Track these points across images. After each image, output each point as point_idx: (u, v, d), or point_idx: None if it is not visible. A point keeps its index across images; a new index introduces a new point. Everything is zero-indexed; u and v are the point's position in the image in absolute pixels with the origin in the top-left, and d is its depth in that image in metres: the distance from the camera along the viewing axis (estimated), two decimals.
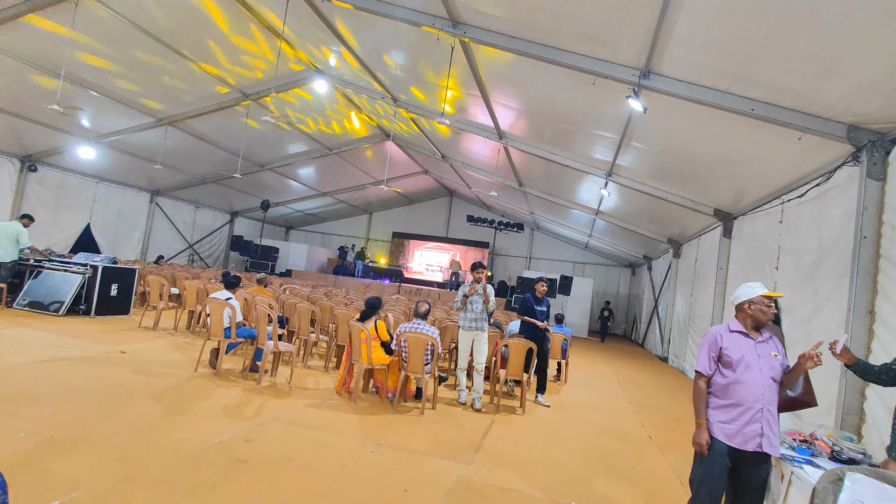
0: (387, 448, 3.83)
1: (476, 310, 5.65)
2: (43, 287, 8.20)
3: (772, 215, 7.61)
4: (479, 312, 5.67)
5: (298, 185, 18.80)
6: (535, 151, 10.69)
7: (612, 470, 4.09)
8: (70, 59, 8.78)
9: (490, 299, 5.70)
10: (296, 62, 10.41)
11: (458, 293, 5.76)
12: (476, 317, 5.67)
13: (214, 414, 4.12)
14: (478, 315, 5.68)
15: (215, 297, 5.54)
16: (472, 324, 5.65)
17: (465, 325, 5.69)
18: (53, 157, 12.72)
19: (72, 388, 4.32)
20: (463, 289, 5.76)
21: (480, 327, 5.68)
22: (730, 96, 5.56)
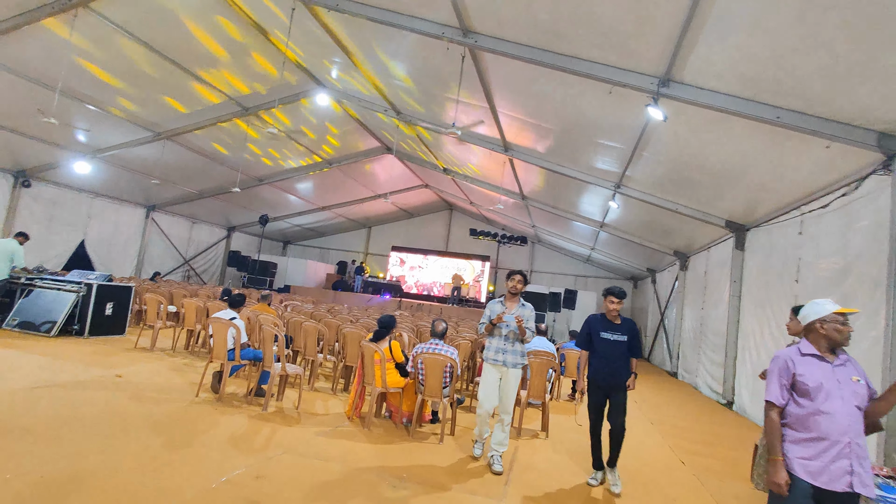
0: (410, 483, 3.51)
1: (506, 337, 4.33)
2: (34, 306, 7.84)
3: (790, 226, 7.42)
4: (510, 342, 4.32)
5: (297, 199, 18.55)
6: (542, 164, 10.51)
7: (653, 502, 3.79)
8: (67, 73, 8.55)
9: (528, 331, 4.29)
10: (297, 74, 10.22)
11: (485, 313, 4.45)
12: (505, 347, 4.30)
13: (220, 446, 3.79)
14: (508, 345, 4.30)
15: (219, 318, 5.23)
16: (499, 356, 4.31)
17: (490, 357, 4.34)
18: (47, 172, 12.42)
19: (65, 418, 3.99)
20: (491, 307, 4.44)
21: (511, 362, 4.26)
22: (755, 104, 5.39)
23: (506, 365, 4.29)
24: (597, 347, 4.13)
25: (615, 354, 4.07)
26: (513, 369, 4.29)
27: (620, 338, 4.10)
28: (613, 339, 4.09)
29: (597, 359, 4.12)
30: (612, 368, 4.04)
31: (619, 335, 4.10)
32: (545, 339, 6.79)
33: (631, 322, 4.23)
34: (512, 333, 4.30)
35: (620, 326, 4.15)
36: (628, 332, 4.14)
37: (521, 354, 4.37)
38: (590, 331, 4.21)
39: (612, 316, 4.16)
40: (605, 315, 4.20)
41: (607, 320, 4.17)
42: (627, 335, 4.12)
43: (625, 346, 4.09)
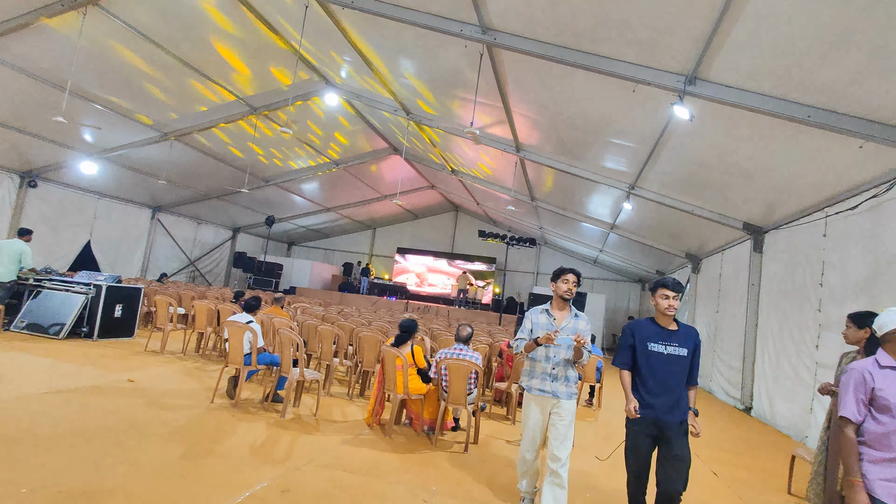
0: (442, 496, 3.36)
1: (554, 358, 3.21)
2: (42, 308, 7.72)
3: (813, 228, 7.26)
4: (562, 366, 3.21)
5: (302, 200, 18.43)
6: (555, 164, 10.37)
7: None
8: (76, 72, 8.42)
9: (585, 352, 3.19)
10: (307, 73, 10.09)
11: (523, 325, 3.37)
12: (555, 372, 3.20)
13: (241, 456, 3.65)
14: (560, 370, 3.20)
15: (235, 321, 5.09)
16: (546, 384, 3.20)
17: (536, 386, 3.23)
18: (54, 172, 12.31)
19: (79, 426, 3.85)
20: (534, 319, 3.30)
21: (564, 392, 3.19)
22: (785, 103, 5.24)
23: (557, 396, 3.17)
24: (643, 365, 2.92)
25: (671, 375, 2.85)
26: (567, 401, 3.17)
27: (678, 351, 2.89)
28: (668, 353, 2.88)
29: (643, 382, 2.91)
30: (668, 397, 2.83)
31: (677, 347, 2.89)
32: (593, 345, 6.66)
33: (692, 330, 3.01)
34: (563, 355, 3.20)
35: (677, 335, 2.92)
36: (689, 344, 2.94)
37: (575, 381, 3.27)
38: (633, 341, 2.98)
39: (667, 319, 2.95)
40: (656, 319, 3.00)
41: (658, 326, 2.95)
42: (688, 348, 2.92)
43: (685, 364, 2.89)
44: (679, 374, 2.89)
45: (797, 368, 6.98)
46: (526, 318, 3.37)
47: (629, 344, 3.02)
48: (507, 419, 5.92)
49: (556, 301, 3.33)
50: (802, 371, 6.82)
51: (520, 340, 3.32)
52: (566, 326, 3.25)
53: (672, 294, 2.93)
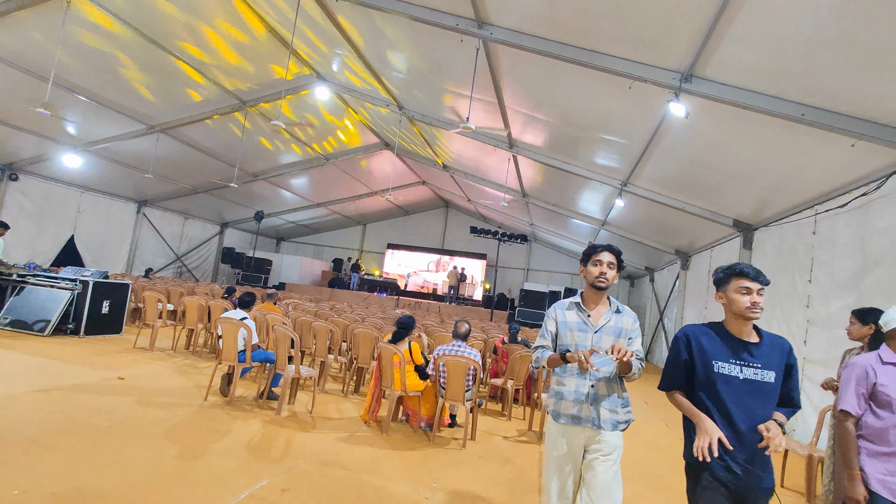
0: (442, 493, 3.35)
1: (595, 372, 2.25)
2: (27, 304, 7.53)
3: (803, 226, 7.36)
4: (604, 382, 2.35)
5: (292, 195, 18.23)
6: (547, 161, 10.38)
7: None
8: (59, 62, 8.20)
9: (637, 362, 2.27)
10: (298, 66, 9.95)
11: (545, 327, 2.49)
12: (594, 391, 2.33)
13: (238, 455, 3.59)
14: (601, 387, 2.34)
15: (229, 317, 5.01)
16: (582, 409, 2.33)
17: (565, 410, 2.36)
18: (36, 165, 12.00)
19: (70, 425, 3.76)
20: (557, 315, 2.46)
21: (608, 419, 2.31)
22: (779, 101, 5.28)
23: (596, 425, 2.27)
24: (707, 396, 2.01)
25: (752, 414, 1.93)
26: (611, 434, 2.27)
27: (762, 375, 1.96)
28: (746, 378, 1.96)
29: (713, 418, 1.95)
30: (747, 447, 1.92)
31: (760, 369, 1.97)
32: None
33: (781, 342, 2.06)
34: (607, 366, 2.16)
35: (761, 350, 2.00)
36: (779, 363, 2.01)
37: (626, 404, 2.37)
38: (688, 357, 2.07)
39: (744, 325, 2.02)
40: (726, 325, 2.07)
41: (730, 337, 2.03)
42: (776, 370, 1.99)
43: (774, 396, 1.98)
44: (765, 410, 1.91)
45: None
46: (547, 317, 2.48)
47: (683, 361, 2.07)
48: (503, 415, 5.93)
49: (588, 292, 2.42)
50: None
51: (540, 350, 2.41)
52: (606, 326, 2.34)
53: (756, 286, 1.98)
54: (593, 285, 2.39)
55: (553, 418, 2.41)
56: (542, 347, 2.45)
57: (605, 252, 2.42)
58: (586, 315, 2.40)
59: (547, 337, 2.46)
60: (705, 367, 2.03)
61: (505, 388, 5.91)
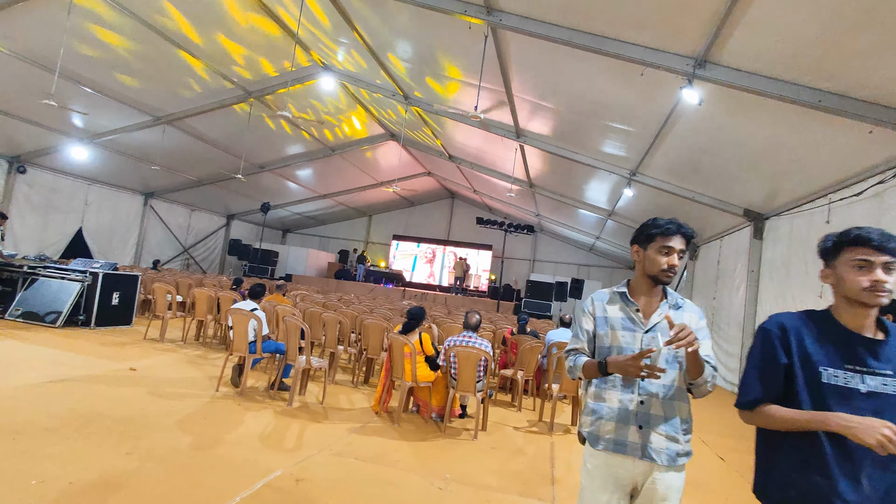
0: (456, 484, 3.34)
1: (645, 383, 1.73)
2: (38, 296, 7.57)
3: (816, 215, 7.26)
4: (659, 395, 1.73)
5: (297, 186, 18.21)
6: (555, 150, 10.28)
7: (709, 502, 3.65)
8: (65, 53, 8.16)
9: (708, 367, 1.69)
10: (304, 55, 9.87)
11: (578, 325, 1.93)
12: (645, 408, 1.73)
13: (251, 445, 3.60)
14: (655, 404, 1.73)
15: (239, 308, 5.01)
16: (626, 432, 1.73)
17: (603, 432, 1.77)
18: (43, 157, 12.03)
19: (84, 416, 3.78)
20: (595, 309, 1.90)
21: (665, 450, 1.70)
22: (796, 87, 5.18)
23: (647, 456, 1.71)
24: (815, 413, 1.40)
25: None
26: (666, 472, 1.71)
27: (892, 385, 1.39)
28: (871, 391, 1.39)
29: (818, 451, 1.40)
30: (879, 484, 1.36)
31: (892, 377, 1.39)
32: (569, 330, 6.60)
33: None
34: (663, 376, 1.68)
35: (888, 350, 1.43)
36: None
37: (688, 429, 1.77)
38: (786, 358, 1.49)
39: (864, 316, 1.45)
40: (835, 313, 1.51)
41: (843, 331, 1.47)
42: None
43: None
44: None
45: None
46: (582, 312, 1.92)
47: (781, 365, 1.48)
48: (513, 406, 5.92)
49: (639, 281, 1.85)
50: None
51: (574, 356, 1.85)
52: (661, 325, 1.74)
53: (885, 259, 1.39)
54: (656, 278, 1.78)
55: (590, 443, 1.79)
56: (575, 352, 1.88)
57: (678, 237, 1.77)
58: (634, 309, 1.80)
59: (582, 338, 1.88)
60: (810, 373, 1.42)
61: (515, 378, 5.89)
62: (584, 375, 1.83)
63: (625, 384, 1.76)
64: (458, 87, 9.21)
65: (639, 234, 1.89)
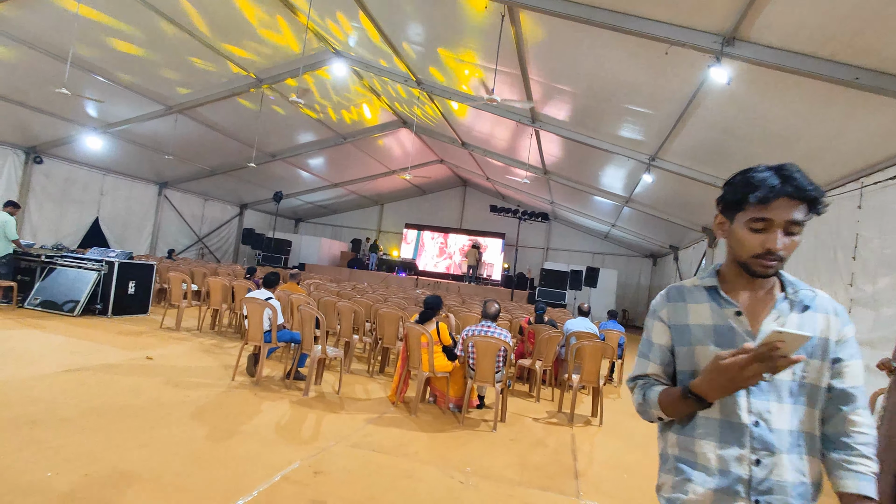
0: (476, 477, 3.25)
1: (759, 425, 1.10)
2: (56, 285, 7.62)
3: (847, 199, 6.97)
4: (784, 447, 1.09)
5: (310, 175, 18.16)
6: (571, 135, 10.04)
7: None
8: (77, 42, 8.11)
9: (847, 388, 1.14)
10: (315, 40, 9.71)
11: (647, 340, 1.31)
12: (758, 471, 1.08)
13: (268, 436, 3.54)
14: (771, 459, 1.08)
15: (254, 297, 4.95)
16: None
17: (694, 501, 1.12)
18: (59, 148, 12.09)
19: (100, 405, 3.75)
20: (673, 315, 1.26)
21: None
22: (831, 64, 4.91)
23: None
24: None
25: None
26: None
27: None
28: None
29: None
30: None
31: None
32: (587, 319, 6.46)
33: None
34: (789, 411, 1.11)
35: None
36: None
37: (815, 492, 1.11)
38: None
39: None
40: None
41: None
42: None
43: None
44: None
45: None
46: (652, 319, 1.33)
47: None
48: (531, 396, 5.82)
49: (731, 268, 1.29)
50: None
51: (642, 385, 1.29)
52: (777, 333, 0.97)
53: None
54: (747, 267, 1.19)
55: None
56: (644, 380, 1.28)
57: (784, 201, 1.15)
58: (733, 312, 1.20)
59: (653, 358, 1.28)
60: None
61: (533, 369, 5.78)
62: (664, 413, 1.19)
63: (731, 426, 1.12)
64: (473, 70, 8.99)
65: (726, 192, 1.24)
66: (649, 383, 1.26)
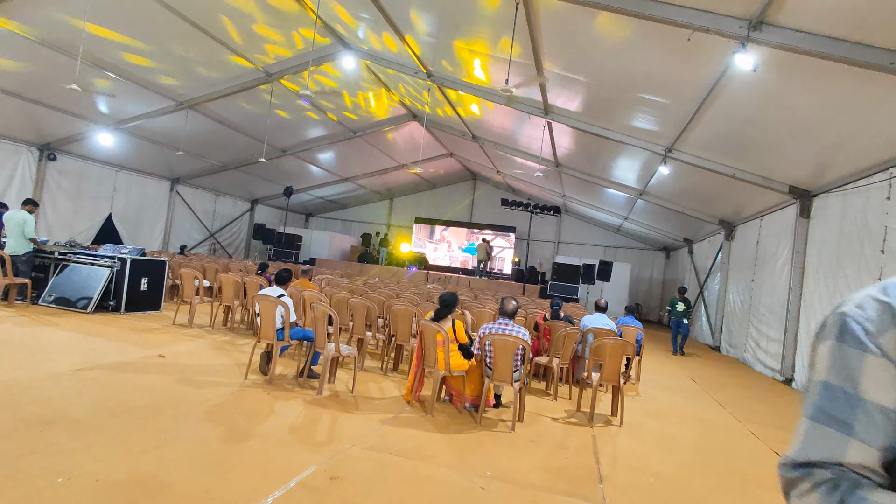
0: (497, 481, 3.14)
1: None
2: (69, 282, 7.63)
3: (873, 191, 6.73)
4: None
5: (319, 170, 18.10)
6: (585, 127, 9.82)
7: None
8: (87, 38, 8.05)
9: None
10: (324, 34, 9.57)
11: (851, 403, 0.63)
12: None
13: (282, 438, 3.46)
14: None
15: (266, 295, 4.87)
16: None
17: None
18: (72, 144, 12.13)
19: (113, 406, 3.70)
20: None
21: None
22: (864, 48, 4.69)
23: None
24: None
25: None
26: None
27: None
28: None
29: None
30: None
31: None
32: (605, 315, 6.30)
33: None
34: None
35: None
36: None
37: None
38: None
39: None
40: None
41: None
42: None
43: None
44: None
45: None
46: (860, 352, 0.65)
47: None
48: (548, 395, 5.70)
49: None
50: None
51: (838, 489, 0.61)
52: None
53: None
54: None
55: None
56: (837, 472, 0.64)
57: None
58: None
59: (864, 428, 0.64)
60: None
61: (550, 366, 5.65)
62: None
63: None
64: (486, 61, 8.81)
65: None
66: (849, 482, 0.63)
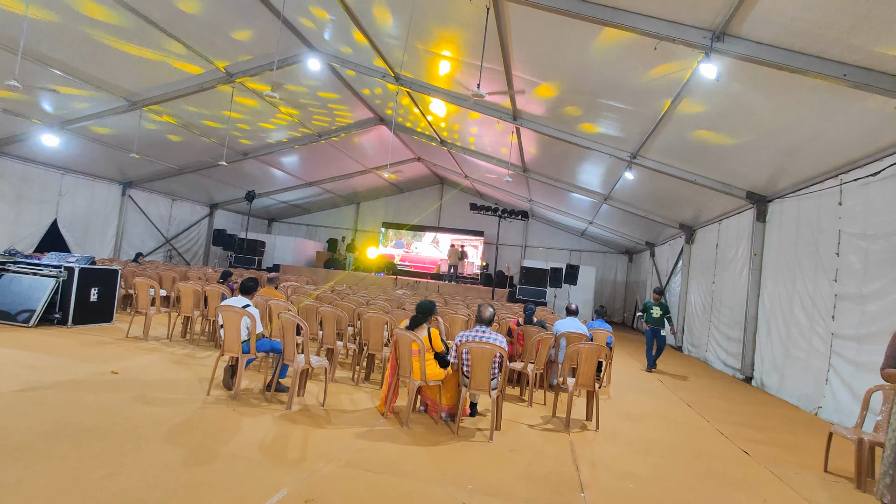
0: (480, 495, 3.05)
1: None
2: (8, 293, 7.05)
3: (826, 196, 7.06)
4: None
5: (283, 174, 17.63)
6: (553, 133, 9.95)
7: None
8: (28, 32, 7.51)
9: None
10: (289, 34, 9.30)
11: None
12: None
13: (251, 458, 3.25)
14: None
15: (230, 305, 4.62)
16: None
17: None
18: (12, 146, 11.32)
19: (62, 429, 3.39)
20: None
21: None
22: (821, 61, 4.90)
23: None
24: None
25: None
26: None
27: None
28: None
29: None
30: None
31: None
32: (577, 319, 6.34)
33: None
34: None
35: None
36: None
37: None
38: None
39: None
40: None
41: None
42: None
43: None
44: None
45: (810, 340, 6.88)
46: None
47: None
48: (523, 401, 5.66)
49: None
50: (817, 342, 6.72)
51: None
52: None
53: None
54: None
55: None
56: None
57: None
58: None
59: None
60: None
61: (525, 372, 5.62)
62: None
63: None
64: (455, 66, 8.78)
65: None
66: None
